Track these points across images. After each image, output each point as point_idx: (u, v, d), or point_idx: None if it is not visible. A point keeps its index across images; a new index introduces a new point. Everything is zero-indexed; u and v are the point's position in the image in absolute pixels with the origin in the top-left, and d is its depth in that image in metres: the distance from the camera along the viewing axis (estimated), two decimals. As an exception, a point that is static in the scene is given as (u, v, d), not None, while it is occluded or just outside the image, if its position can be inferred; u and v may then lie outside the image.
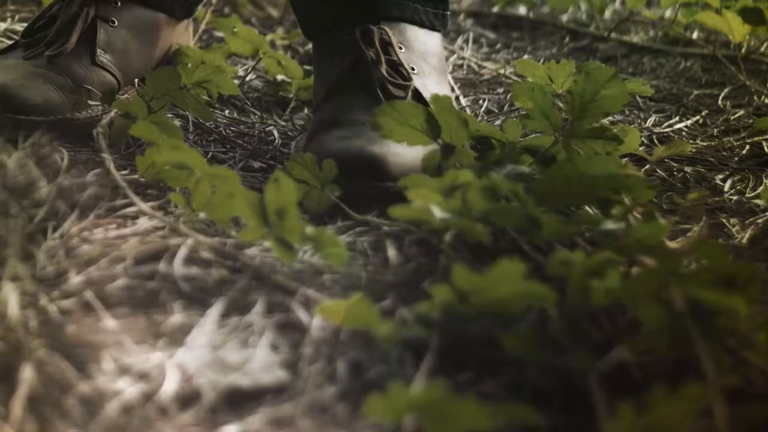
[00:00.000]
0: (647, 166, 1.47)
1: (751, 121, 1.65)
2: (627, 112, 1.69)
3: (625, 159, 1.41)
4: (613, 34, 2.09)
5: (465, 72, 1.88)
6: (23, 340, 0.90)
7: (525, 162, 1.30)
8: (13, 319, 0.93)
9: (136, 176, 1.28)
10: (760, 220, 1.29)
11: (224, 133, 1.52)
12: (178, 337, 0.93)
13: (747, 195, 1.38)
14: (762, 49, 1.95)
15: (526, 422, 0.81)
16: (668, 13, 2.18)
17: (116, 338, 0.92)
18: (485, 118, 1.66)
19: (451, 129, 1.27)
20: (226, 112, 1.62)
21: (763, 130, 1.57)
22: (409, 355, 0.93)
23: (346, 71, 1.43)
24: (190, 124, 1.53)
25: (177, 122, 1.50)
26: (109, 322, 0.95)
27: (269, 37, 1.88)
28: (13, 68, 1.44)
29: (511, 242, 1.15)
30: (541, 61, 1.88)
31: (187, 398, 0.85)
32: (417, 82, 1.43)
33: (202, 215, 1.15)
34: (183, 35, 1.67)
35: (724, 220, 1.29)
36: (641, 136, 1.53)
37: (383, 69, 1.41)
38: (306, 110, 1.64)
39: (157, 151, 1.23)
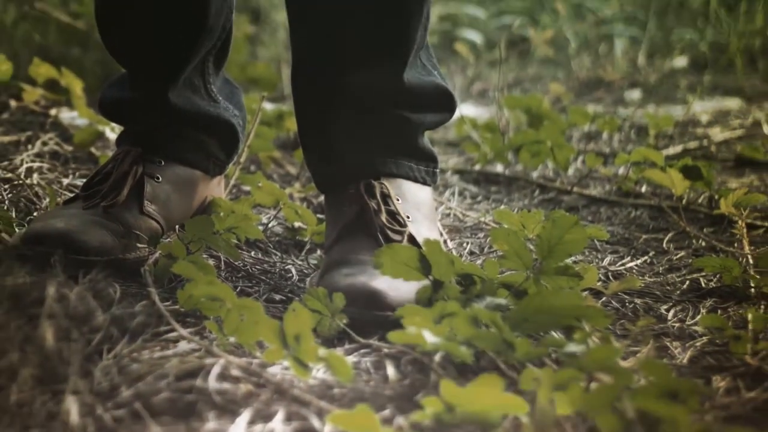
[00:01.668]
0: (604, 299, 1.47)
1: (690, 260, 1.65)
2: (587, 253, 1.70)
3: (585, 292, 1.41)
4: (575, 188, 2.08)
5: (452, 219, 1.88)
6: (83, 443, 0.91)
7: (502, 295, 1.30)
8: (74, 426, 0.94)
9: (177, 307, 1.29)
10: (698, 344, 1.29)
11: (250, 270, 1.53)
12: (212, 441, 0.94)
13: (687, 323, 1.38)
14: (700, 200, 1.95)
15: None
16: (621, 171, 2.18)
17: (161, 442, 0.93)
18: (469, 258, 1.67)
19: (440, 267, 1.28)
20: (252, 253, 1.62)
21: (700, 269, 1.58)
22: (406, 456, 0.93)
23: (353, 219, 1.43)
24: (222, 263, 1.53)
25: (211, 262, 1.50)
26: (155, 429, 0.95)
27: (288, 190, 1.89)
28: (74, 216, 1.45)
29: (490, 362, 1.15)
30: (515, 210, 1.89)
31: (220, 492, 0.86)
32: (411, 228, 1.43)
33: (232, 339, 1.16)
34: (216, 189, 1.68)
35: (668, 344, 1.29)
36: (598, 274, 1.53)
37: (383, 217, 1.42)
38: (319, 252, 1.65)
39: (195, 285, 1.24)
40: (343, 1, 1.45)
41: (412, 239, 1.42)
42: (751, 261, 1.55)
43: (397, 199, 1.47)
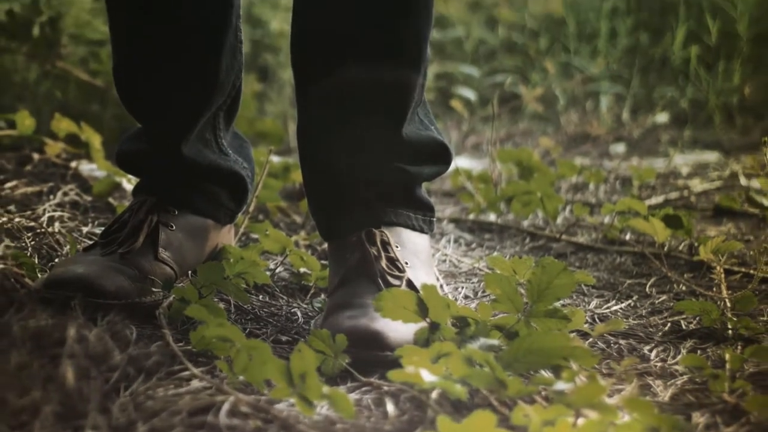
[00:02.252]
0: (590, 340, 1.47)
1: (671, 304, 1.65)
2: (574, 297, 1.70)
3: (573, 334, 1.41)
4: (563, 236, 2.09)
5: (447, 265, 1.89)
6: (102, 475, 0.91)
7: (494, 336, 1.31)
8: (93, 459, 0.95)
9: (189, 347, 1.29)
10: (679, 382, 1.29)
11: (258, 313, 1.53)
12: (223, 474, 0.94)
13: (668, 362, 1.39)
14: (680, 247, 1.96)
15: None
16: (607, 220, 2.19)
17: (174, 474, 0.93)
18: (463, 301, 1.67)
19: (436, 310, 1.29)
20: (260, 296, 1.62)
21: (680, 312, 1.58)
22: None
23: (355, 265, 1.44)
24: (232, 306, 1.54)
25: (222, 305, 1.51)
26: (169, 462, 0.97)
27: (294, 238, 1.89)
28: (93, 262, 1.45)
29: (483, 399, 1.16)
30: (507, 257, 1.89)
31: None
32: (410, 273, 1.44)
33: (241, 378, 1.16)
34: (226, 237, 1.69)
35: (650, 382, 1.30)
36: (585, 316, 1.53)
37: (383, 263, 1.43)
38: (323, 295, 1.65)
39: (206, 327, 1.25)
40: (346, 69, 1.46)
41: (410, 284, 1.42)
42: (728, 304, 1.55)
43: (397, 247, 1.47)
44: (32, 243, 1.69)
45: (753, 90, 3.43)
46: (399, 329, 1.30)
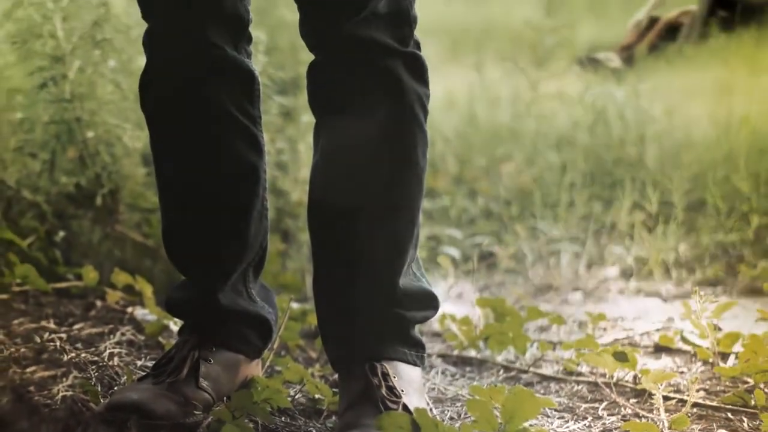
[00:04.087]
0: None
1: (620, 424, 1.65)
2: (540, 419, 1.70)
3: (539, 449, 1.44)
4: (531, 369, 2.09)
5: (435, 393, 1.89)
6: None
7: None
8: None
9: None
10: (626, 489, 1.31)
11: None
12: None
13: (619, 472, 1.40)
14: (626, 377, 1.95)
15: None
16: (566, 355, 2.19)
17: None
18: (449, 422, 1.67)
19: (427, 430, 1.31)
20: (282, 418, 1.62)
21: (627, 431, 1.59)
22: None
23: (360, 392, 1.46)
24: (259, 426, 1.54)
25: (251, 425, 1.51)
26: None
27: (310, 370, 1.89)
28: (145, 390, 1.48)
29: (465, 502, 1.17)
30: (485, 385, 1.89)
31: None
32: (405, 399, 1.45)
33: (267, 484, 1.17)
34: (255, 369, 1.69)
35: (603, 488, 1.31)
36: None
37: (383, 391, 1.45)
38: (334, 417, 1.65)
39: (239, 443, 1.27)
40: (353, 232, 1.51)
41: (405, 408, 1.44)
42: (666, 424, 1.57)
43: (394, 377, 1.49)
44: (96, 374, 1.69)
45: (686, 249, 3.50)
46: (396, 445, 1.31)
